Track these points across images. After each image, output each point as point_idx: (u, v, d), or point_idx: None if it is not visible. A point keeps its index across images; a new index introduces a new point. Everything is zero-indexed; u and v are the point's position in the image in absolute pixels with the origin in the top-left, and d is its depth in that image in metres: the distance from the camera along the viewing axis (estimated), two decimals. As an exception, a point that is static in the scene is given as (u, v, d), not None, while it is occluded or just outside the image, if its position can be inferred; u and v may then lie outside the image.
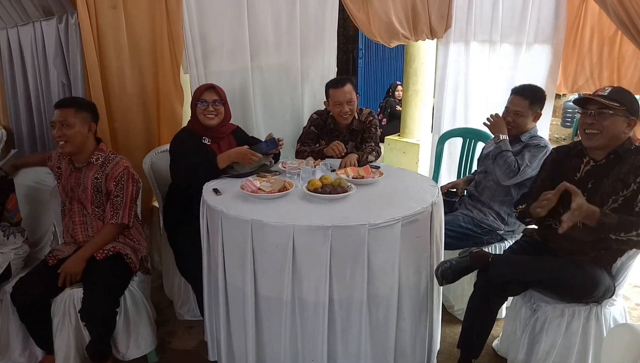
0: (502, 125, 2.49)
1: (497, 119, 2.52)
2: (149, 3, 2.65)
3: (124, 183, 2.21)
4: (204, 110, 2.40)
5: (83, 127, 2.16)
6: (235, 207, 1.90)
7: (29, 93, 3.26)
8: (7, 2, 3.05)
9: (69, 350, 2.19)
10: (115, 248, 2.20)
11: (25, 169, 2.58)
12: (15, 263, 2.30)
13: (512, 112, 2.51)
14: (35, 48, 3.06)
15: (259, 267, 1.83)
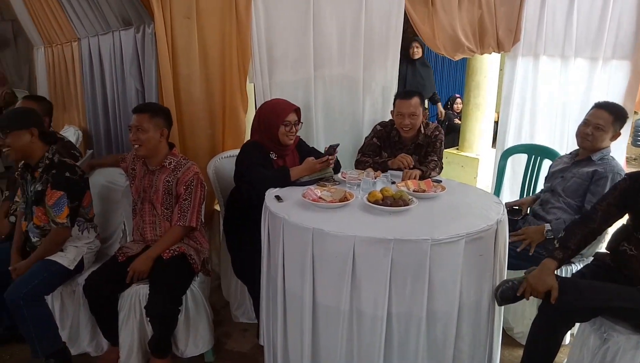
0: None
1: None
2: (221, 15, 2.76)
3: (193, 188, 2.30)
4: (287, 131, 2.42)
5: (156, 132, 2.27)
6: (297, 215, 1.93)
7: (106, 98, 3.47)
8: (91, 13, 3.28)
9: (132, 344, 2.30)
10: (180, 248, 2.30)
11: (100, 169, 2.74)
12: (88, 257, 2.44)
13: (593, 124, 2.39)
14: (113, 56, 3.26)
15: (318, 276, 1.84)
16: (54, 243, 2.29)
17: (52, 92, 4.89)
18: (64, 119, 4.33)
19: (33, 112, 2.33)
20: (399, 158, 2.60)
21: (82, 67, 3.83)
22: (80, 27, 3.64)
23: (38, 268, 2.24)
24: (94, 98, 3.67)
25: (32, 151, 2.25)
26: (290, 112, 2.45)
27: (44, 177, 2.27)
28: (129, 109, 3.16)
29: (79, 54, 3.85)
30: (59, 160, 2.30)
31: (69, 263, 2.31)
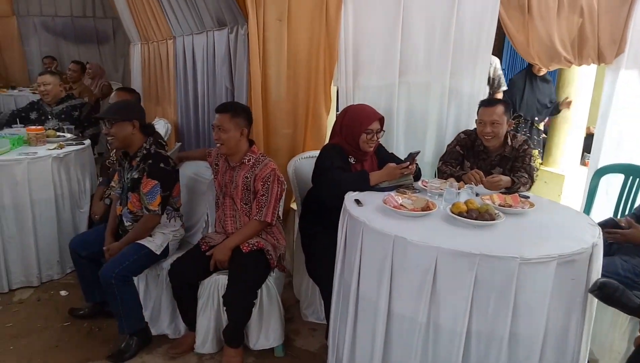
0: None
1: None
2: (311, 18, 2.82)
3: (270, 184, 2.37)
4: (369, 139, 2.42)
5: (236, 132, 2.36)
6: (378, 221, 1.92)
7: (197, 94, 3.66)
8: (188, 13, 3.47)
9: (208, 331, 2.40)
10: (259, 243, 2.36)
11: (188, 161, 2.89)
12: (173, 244, 2.58)
13: None
14: (206, 54, 3.43)
15: (395, 284, 1.82)
16: (144, 228, 2.44)
17: (145, 86, 5.23)
18: (156, 112, 4.60)
19: (136, 106, 2.50)
20: (469, 174, 2.51)
21: (176, 64, 4.06)
22: (176, 26, 3.86)
23: (129, 250, 2.40)
24: (186, 94, 3.88)
25: (132, 141, 2.42)
26: (374, 121, 2.45)
27: (140, 166, 2.43)
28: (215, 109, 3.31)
29: (174, 51, 4.09)
30: (155, 151, 2.46)
31: (156, 248, 2.46)
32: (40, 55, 7.81)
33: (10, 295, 2.97)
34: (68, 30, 8.00)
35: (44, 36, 7.92)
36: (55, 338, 2.57)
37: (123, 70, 8.39)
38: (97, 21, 8.11)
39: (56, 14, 7.84)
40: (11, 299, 2.93)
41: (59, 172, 3.05)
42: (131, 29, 5.64)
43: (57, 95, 3.91)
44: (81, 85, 6.25)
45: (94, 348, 2.50)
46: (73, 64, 6.78)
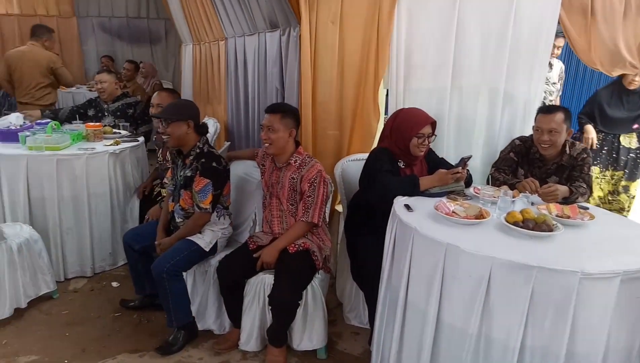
0: None
1: None
2: (364, 20, 2.81)
3: (316, 186, 2.37)
4: (420, 143, 2.38)
5: (285, 133, 2.37)
6: (429, 227, 1.88)
7: (247, 95, 3.72)
8: (241, 15, 3.53)
9: (252, 329, 2.43)
10: (305, 244, 2.37)
11: (237, 160, 2.94)
12: (221, 241, 2.63)
13: None
14: (257, 56, 3.48)
15: (446, 293, 1.78)
16: (195, 225, 2.50)
17: (196, 85, 5.36)
18: (206, 111, 4.71)
19: (192, 106, 2.57)
20: (524, 182, 2.41)
21: (227, 64, 4.15)
22: (229, 27, 3.94)
23: (180, 246, 2.46)
24: (236, 94, 3.95)
25: (186, 140, 2.48)
26: (426, 125, 2.40)
27: (193, 164, 2.49)
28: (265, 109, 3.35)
29: (225, 52, 4.17)
30: (208, 151, 2.51)
31: (205, 245, 2.51)
32: (97, 54, 8.17)
33: (66, 283, 3.11)
34: (123, 30, 8.32)
35: (100, 36, 8.28)
36: (108, 328, 2.67)
37: (173, 70, 8.65)
38: (150, 22, 8.40)
39: (113, 15, 8.18)
40: (67, 288, 3.07)
41: (114, 167, 3.17)
42: (183, 30, 5.80)
43: (113, 93, 4.07)
44: (134, 83, 6.49)
45: (143, 340, 2.58)
46: (127, 63, 7.05)
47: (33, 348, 2.46)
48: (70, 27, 8.00)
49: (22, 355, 2.41)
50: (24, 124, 3.41)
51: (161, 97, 3.11)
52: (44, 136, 3.04)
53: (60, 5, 7.85)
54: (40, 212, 3.00)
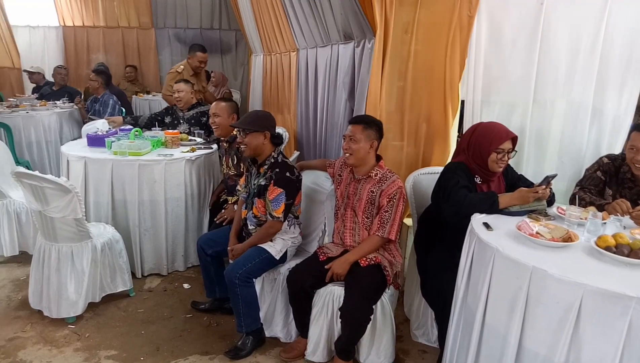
0: None
1: None
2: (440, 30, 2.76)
3: (395, 201, 2.34)
4: (499, 159, 2.29)
5: (367, 144, 2.36)
6: (512, 248, 1.80)
7: (316, 105, 3.76)
8: (315, 27, 3.58)
9: (319, 340, 2.42)
10: (376, 258, 2.35)
11: (307, 170, 2.96)
12: (291, 250, 2.66)
13: None
14: (329, 67, 3.51)
15: (529, 318, 1.68)
16: (267, 233, 2.54)
17: (266, 95, 5.49)
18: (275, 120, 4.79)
19: (270, 117, 2.63)
20: (615, 204, 2.24)
21: (298, 75, 4.21)
22: (301, 39, 4.00)
23: (252, 253, 2.51)
24: (306, 104, 4.00)
25: (262, 150, 2.54)
26: (507, 140, 2.31)
27: (268, 173, 2.54)
28: (336, 117, 3.37)
29: (297, 63, 4.24)
30: (282, 161, 2.56)
31: (276, 253, 2.54)
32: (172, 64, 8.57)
33: (141, 281, 3.27)
34: (197, 40, 8.66)
35: (175, 46, 8.70)
36: (180, 329, 2.76)
37: (242, 79, 8.93)
38: (222, 33, 8.72)
39: (187, 26, 8.57)
40: (142, 286, 3.22)
41: (190, 173, 3.30)
42: (255, 41, 5.97)
43: (188, 101, 4.25)
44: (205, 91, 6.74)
45: (213, 343, 2.64)
46: (199, 72, 7.36)
47: (112, 344, 2.59)
48: (148, 38, 8.48)
49: (102, 349, 2.55)
50: (109, 130, 3.63)
51: (219, 107, 3.21)
52: (127, 142, 3.22)
53: (140, 17, 8.34)
54: (122, 213, 3.18)
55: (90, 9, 8.13)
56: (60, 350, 2.52)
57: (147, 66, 8.52)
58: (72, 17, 8.13)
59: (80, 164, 3.10)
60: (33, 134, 4.99)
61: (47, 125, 5.06)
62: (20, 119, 4.89)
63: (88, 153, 3.17)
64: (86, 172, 3.10)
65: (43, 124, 5.03)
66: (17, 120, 4.85)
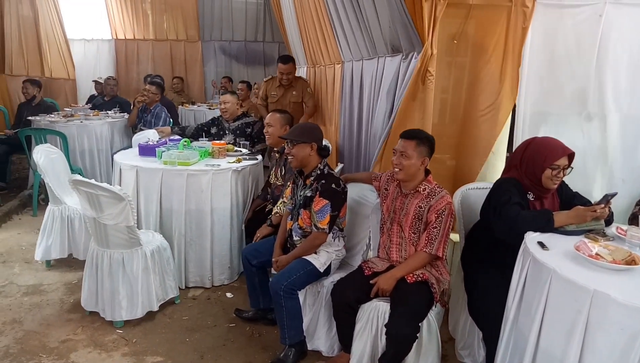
0: None
1: None
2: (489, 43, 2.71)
3: (443, 217, 2.29)
4: (554, 175, 2.21)
5: (418, 160, 2.32)
6: (570, 270, 1.72)
7: (360, 117, 3.75)
8: (361, 40, 3.58)
9: (362, 355, 2.38)
10: (424, 275, 2.30)
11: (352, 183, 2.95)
12: (335, 263, 2.65)
13: None
14: (374, 79, 3.49)
15: (589, 343, 1.61)
16: (312, 245, 2.54)
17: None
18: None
19: (317, 129, 2.65)
20: None
21: (342, 87, 4.22)
22: (347, 51, 4.01)
23: (297, 265, 2.51)
24: (350, 117, 4.00)
25: (309, 161, 2.55)
26: (563, 156, 2.23)
27: (314, 185, 2.54)
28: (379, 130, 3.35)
29: (341, 75, 4.25)
30: (328, 172, 2.56)
31: (320, 265, 2.54)
32: (216, 75, 8.83)
33: (186, 291, 3.32)
34: (241, 53, 8.92)
35: (220, 58, 8.95)
36: (223, 338, 2.79)
37: (283, 90, 9.05)
38: (265, 45, 8.91)
39: (232, 39, 8.81)
40: (186, 295, 3.27)
41: (236, 183, 3.35)
42: (298, 53, 6.04)
43: (234, 112, 4.34)
44: (248, 103, 6.87)
45: (255, 353, 2.65)
46: (241, 83, 7.52)
47: (158, 350, 2.65)
48: (195, 50, 8.75)
49: (149, 355, 2.60)
50: (159, 140, 3.74)
51: (272, 117, 3.25)
52: (176, 152, 3.30)
53: (188, 30, 8.63)
54: (168, 222, 3.25)
55: (141, 23, 8.48)
56: (109, 354, 2.60)
57: (193, 77, 8.78)
58: (124, 31, 8.50)
59: (132, 173, 3.20)
60: (86, 143, 5.21)
61: (99, 134, 5.28)
62: (74, 128, 5.12)
63: (139, 162, 3.27)
64: (137, 181, 3.20)
65: (95, 133, 5.25)
66: (72, 129, 5.08)
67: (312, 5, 4.53)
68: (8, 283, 3.32)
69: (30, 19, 7.31)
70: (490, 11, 2.69)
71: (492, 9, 2.69)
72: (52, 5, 7.47)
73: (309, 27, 4.93)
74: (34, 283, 3.33)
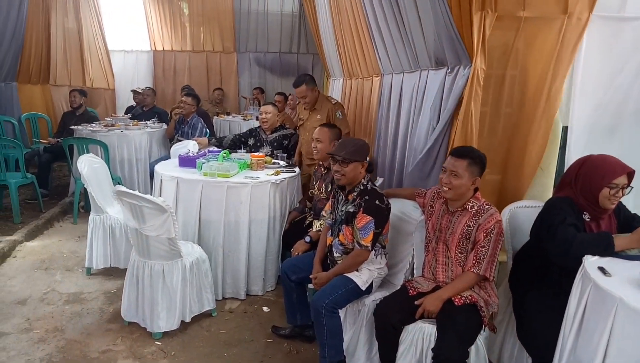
0: None
1: None
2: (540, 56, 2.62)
3: (492, 236, 2.20)
4: (612, 195, 2.10)
5: (469, 181, 2.24)
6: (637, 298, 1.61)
7: (397, 131, 3.68)
8: (403, 53, 3.52)
9: (406, 378, 2.30)
10: (472, 297, 2.21)
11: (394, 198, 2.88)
12: (376, 281, 2.58)
13: None
14: (415, 93, 3.42)
15: (662, 381, 1.49)
16: (354, 262, 2.48)
17: (344, 118, 5.47)
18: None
19: (366, 146, 2.60)
20: None
21: (380, 100, 4.16)
22: (387, 64, 3.96)
23: (338, 282, 2.45)
24: (386, 130, 3.94)
25: (357, 178, 2.51)
26: (622, 174, 2.11)
27: (357, 200, 2.49)
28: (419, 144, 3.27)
29: (379, 88, 4.20)
30: (372, 188, 2.50)
31: (362, 283, 2.48)
32: (250, 86, 8.91)
33: (222, 302, 3.30)
34: (275, 64, 8.98)
35: (255, 69, 9.04)
36: (261, 353, 2.75)
37: (316, 102, 9.07)
38: (300, 57, 8.95)
39: (267, 51, 8.89)
40: (223, 307, 3.25)
41: (274, 196, 3.33)
42: (335, 65, 6.03)
43: (274, 124, 4.35)
44: (284, 115, 6.89)
45: (293, 371, 2.60)
46: (277, 95, 7.57)
47: (196, 363, 2.63)
48: (230, 62, 8.87)
49: (187, 368, 2.59)
50: (199, 151, 3.77)
51: (322, 132, 3.21)
52: (216, 164, 3.31)
53: (224, 42, 8.75)
54: (207, 233, 3.25)
55: (179, 35, 8.66)
56: (148, 366, 2.59)
57: (228, 88, 8.88)
58: (162, 42, 8.70)
59: (173, 184, 3.22)
60: (125, 152, 5.30)
61: (138, 143, 5.37)
62: (115, 137, 5.23)
63: (180, 173, 3.29)
64: (177, 192, 3.22)
65: (135, 143, 5.34)
66: (112, 139, 5.18)
67: (351, 17, 4.51)
68: (50, 290, 3.37)
69: (74, 31, 7.56)
70: (542, 23, 2.60)
71: (544, 21, 2.60)
72: (95, 17, 7.71)
73: (347, 38, 4.91)
74: (75, 291, 3.38)
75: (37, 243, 4.24)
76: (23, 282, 3.48)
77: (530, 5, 2.56)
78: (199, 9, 8.54)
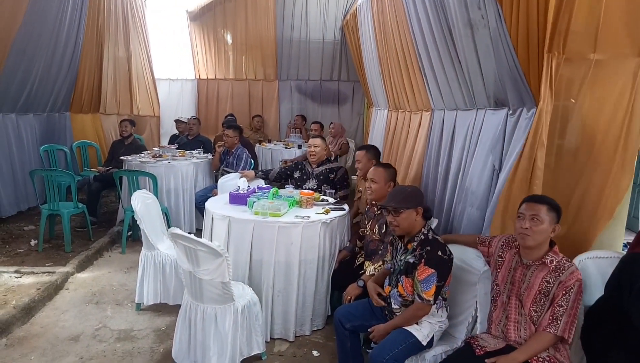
0: None
1: None
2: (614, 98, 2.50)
3: (572, 295, 2.06)
4: None
5: (550, 227, 2.14)
6: None
7: (448, 169, 3.57)
8: (458, 91, 3.44)
9: None
10: (550, 359, 2.06)
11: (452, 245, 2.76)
12: (437, 334, 2.45)
13: None
14: (470, 132, 3.32)
15: None
16: (414, 316, 2.38)
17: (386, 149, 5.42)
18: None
19: (418, 191, 2.52)
20: None
21: (429, 135, 4.07)
22: (438, 100, 3.88)
23: (398, 336, 2.35)
24: (435, 167, 3.84)
25: (413, 227, 2.42)
26: None
27: (417, 251, 2.39)
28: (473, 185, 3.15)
29: (429, 123, 4.11)
30: (433, 238, 2.40)
31: (423, 338, 2.36)
32: (291, 113, 8.97)
33: (270, 344, 3.23)
34: (316, 92, 9.03)
35: (295, 97, 9.10)
36: (314, 404, 2.66)
37: (356, 128, 9.05)
38: (340, 84, 8.96)
39: (309, 78, 8.94)
40: (272, 349, 3.18)
41: (324, 235, 3.26)
42: (379, 95, 5.99)
43: (321, 157, 4.31)
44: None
45: (349, 426, 2.49)
46: (314, 124, 7.59)
47: (248, 413, 2.55)
48: (271, 89, 8.97)
49: (239, 418, 2.51)
50: (248, 188, 3.76)
51: (377, 173, 3.15)
52: (267, 202, 3.28)
53: (266, 70, 8.87)
54: (257, 273, 3.21)
55: (222, 63, 8.85)
56: (200, 414, 2.53)
57: (269, 115, 8.97)
58: (206, 71, 8.90)
59: (224, 223, 3.21)
60: (172, 182, 5.37)
61: (184, 174, 5.43)
62: (163, 168, 5.30)
63: (232, 212, 3.27)
64: (229, 231, 3.20)
65: (181, 173, 5.41)
66: (160, 169, 5.26)
67: (400, 50, 4.46)
68: (102, 326, 3.39)
69: (124, 60, 7.82)
70: (614, 65, 2.48)
71: (616, 63, 2.48)
72: (144, 47, 7.95)
73: (394, 71, 4.86)
74: (125, 328, 3.38)
75: (87, 274, 4.30)
76: (75, 316, 3.51)
77: (602, 47, 2.45)
78: (242, 37, 8.71)
